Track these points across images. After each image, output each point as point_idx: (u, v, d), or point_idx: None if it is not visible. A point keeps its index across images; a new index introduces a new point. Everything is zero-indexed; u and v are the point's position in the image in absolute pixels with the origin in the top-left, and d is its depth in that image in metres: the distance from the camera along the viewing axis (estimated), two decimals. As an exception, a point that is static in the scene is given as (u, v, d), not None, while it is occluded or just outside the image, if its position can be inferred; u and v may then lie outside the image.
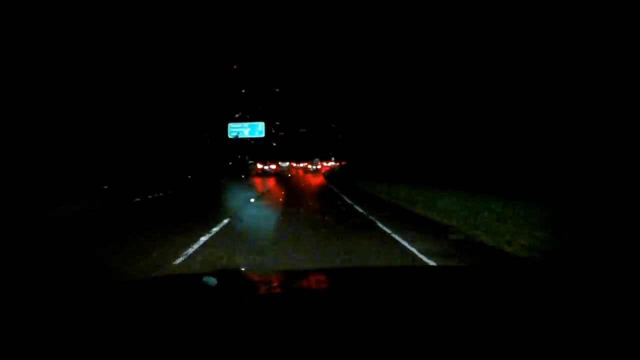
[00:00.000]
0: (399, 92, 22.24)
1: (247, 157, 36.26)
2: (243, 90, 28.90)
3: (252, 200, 12.02)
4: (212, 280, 1.27)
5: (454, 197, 9.40)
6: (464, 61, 15.35)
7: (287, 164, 56.55)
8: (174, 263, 4.28)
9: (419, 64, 19.33)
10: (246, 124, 31.17)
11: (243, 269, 3.84)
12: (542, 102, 11.49)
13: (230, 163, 33.47)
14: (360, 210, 9.21)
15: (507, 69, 12.72)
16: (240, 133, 31.08)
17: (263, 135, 31.62)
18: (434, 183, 12.58)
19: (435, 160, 17.76)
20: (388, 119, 24.88)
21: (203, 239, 5.53)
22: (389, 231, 6.35)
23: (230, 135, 30.48)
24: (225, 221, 7.19)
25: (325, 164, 61.35)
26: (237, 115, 30.45)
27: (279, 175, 35.53)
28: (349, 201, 11.61)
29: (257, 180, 25.45)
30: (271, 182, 23.28)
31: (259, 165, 39.49)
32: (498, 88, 13.31)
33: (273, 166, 40.72)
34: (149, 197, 12.06)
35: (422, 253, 4.83)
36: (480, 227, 6.31)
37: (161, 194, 13.05)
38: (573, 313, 0.91)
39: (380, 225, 6.99)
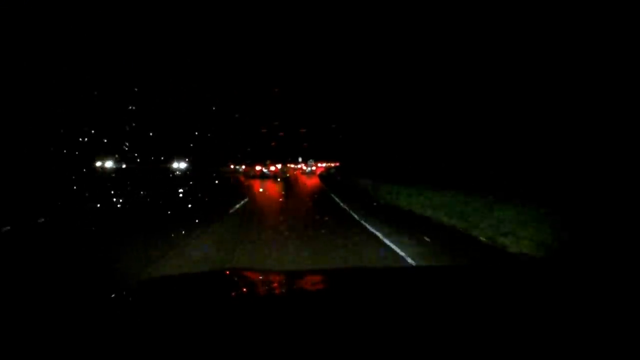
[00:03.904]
0: (398, 93, 22.22)
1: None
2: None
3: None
4: (213, 280, 1.28)
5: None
6: (463, 62, 15.36)
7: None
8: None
9: (417, 65, 19.34)
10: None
11: (244, 269, 3.83)
12: (537, 103, 11.49)
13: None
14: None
15: (505, 72, 12.73)
16: None
17: None
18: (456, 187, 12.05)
19: (434, 161, 17.71)
20: (387, 120, 24.81)
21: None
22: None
23: None
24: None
25: (319, 164, 60.77)
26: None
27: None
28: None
29: None
30: None
31: (258, 167, 36.55)
32: (495, 91, 13.32)
33: (272, 168, 37.35)
34: None
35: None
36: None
37: None
38: (572, 312, 0.91)
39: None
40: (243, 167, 41.54)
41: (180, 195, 15.39)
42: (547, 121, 10.95)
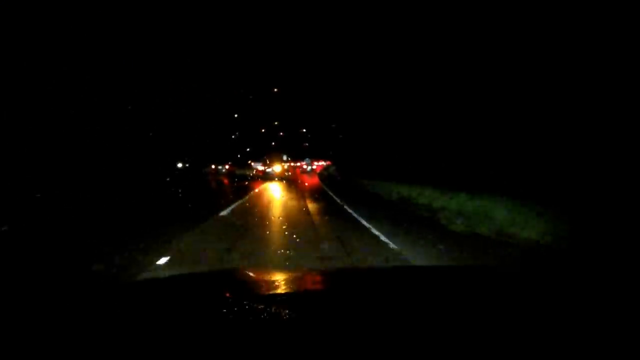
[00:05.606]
0: (398, 94, 22.22)
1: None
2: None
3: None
4: (213, 280, 1.27)
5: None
6: (462, 63, 15.37)
7: None
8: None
9: (416, 66, 19.34)
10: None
11: (243, 269, 3.82)
12: (534, 104, 11.50)
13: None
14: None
15: (502, 76, 12.74)
16: None
17: None
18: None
19: (435, 161, 17.72)
20: (386, 120, 24.80)
21: None
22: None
23: None
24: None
25: (316, 163, 60.98)
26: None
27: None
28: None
29: None
30: None
31: (259, 167, 30.53)
32: (494, 92, 13.34)
33: (277, 167, 29.02)
34: None
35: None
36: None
37: None
38: (573, 313, 0.91)
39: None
40: (227, 167, 34.40)
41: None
42: (545, 124, 10.98)
